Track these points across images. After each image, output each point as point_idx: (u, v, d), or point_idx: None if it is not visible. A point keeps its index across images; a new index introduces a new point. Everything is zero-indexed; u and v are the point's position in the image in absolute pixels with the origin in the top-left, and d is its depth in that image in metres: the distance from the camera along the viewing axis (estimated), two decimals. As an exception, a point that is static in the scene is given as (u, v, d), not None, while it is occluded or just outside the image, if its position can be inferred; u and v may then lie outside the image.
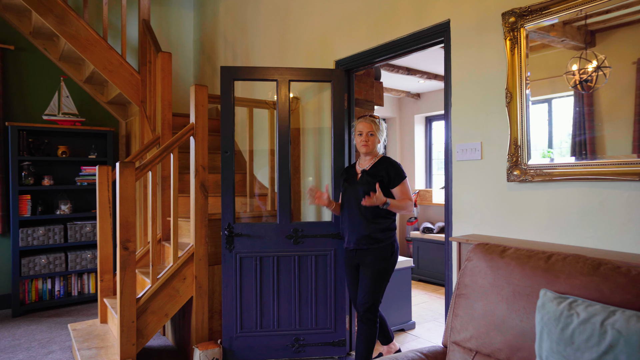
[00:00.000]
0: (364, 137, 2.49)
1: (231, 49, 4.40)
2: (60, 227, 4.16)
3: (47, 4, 3.59)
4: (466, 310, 1.61)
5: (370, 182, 2.42)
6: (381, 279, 2.44)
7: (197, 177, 2.88)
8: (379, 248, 2.42)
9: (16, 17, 4.03)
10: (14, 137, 3.91)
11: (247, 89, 4.06)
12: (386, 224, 2.44)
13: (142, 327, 2.68)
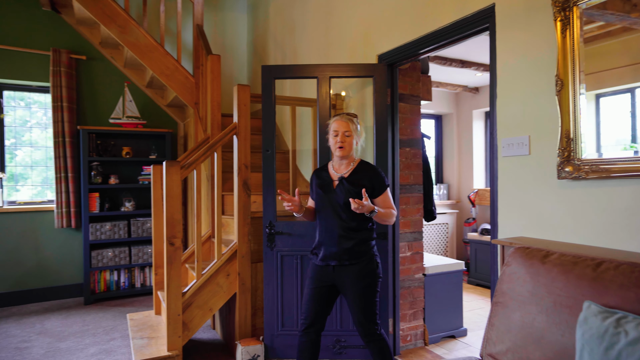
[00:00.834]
0: (340, 138, 2.19)
1: (280, 49, 4.44)
2: (125, 222, 4.46)
3: (111, 15, 3.85)
4: (503, 321, 1.46)
5: (351, 190, 2.16)
6: (372, 294, 2.17)
7: (239, 176, 2.93)
8: (363, 262, 2.16)
9: (88, 29, 4.37)
10: (84, 140, 4.24)
11: (295, 88, 4.08)
12: (367, 235, 2.20)
13: (187, 320, 2.78)
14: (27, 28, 4.32)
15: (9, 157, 4.45)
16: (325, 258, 2.20)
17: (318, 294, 2.23)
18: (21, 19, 4.29)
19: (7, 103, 4.43)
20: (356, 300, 2.15)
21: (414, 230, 3.06)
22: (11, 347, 3.31)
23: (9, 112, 4.42)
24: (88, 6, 3.75)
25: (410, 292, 3.09)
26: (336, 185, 2.22)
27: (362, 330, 2.17)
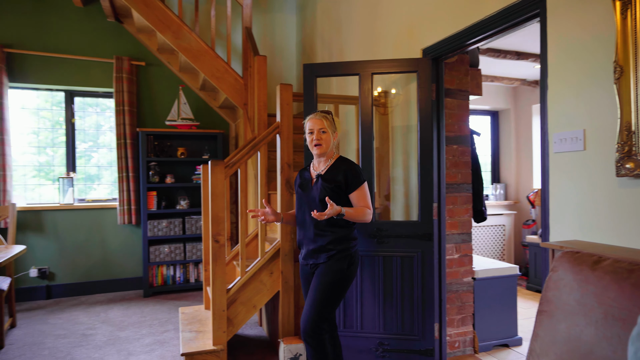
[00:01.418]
0: (316, 136, 2.18)
1: (327, 48, 4.43)
2: (180, 220, 4.67)
3: (166, 21, 4.05)
4: (548, 332, 1.34)
5: (326, 187, 2.14)
6: (331, 291, 2.10)
7: (282, 174, 2.96)
8: (335, 259, 2.13)
9: (146, 37, 4.62)
10: (143, 141, 4.50)
11: (342, 86, 4.05)
12: (343, 232, 2.16)
13: (232, 316, 2.85)
14: (93, 38, 4.65)
15: (85, 159, 4.82)
16: (306, 257, 2.23)
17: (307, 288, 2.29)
18: (88, 31, 4.63)
19: (84, 109, 4.81)
20: (311, 293, 2.13)
21: (462, 231, 2.92)
22: (78, 333, 3.57)
23: (84, 117, 4.78)
24: (145, 14, 3.97)
25: (458, 297, 2.95)
26: (314, 184, 2.23)
27: (304, 326, 2.11)
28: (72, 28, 4.58)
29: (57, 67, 4.54)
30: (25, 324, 3.79)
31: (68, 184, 4.59)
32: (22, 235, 4.42)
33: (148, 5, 3.98)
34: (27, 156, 4.64)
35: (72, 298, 4.55)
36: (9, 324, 3.64)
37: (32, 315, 4.02)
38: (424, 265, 2.71)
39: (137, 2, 3.95)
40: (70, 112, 4.73)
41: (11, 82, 4.41)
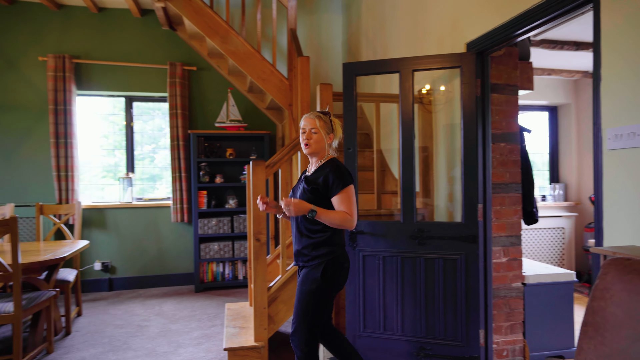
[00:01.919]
0: (307, 135, 2.11)
1: (372, 46, 4.38)
2: (228, 219, 4.82)
3: (214, 27, 4.19)
4: (592, 345, 1.23)
5: (306, 190, 2.06)
6: (308, 301, 2.03)
7: (322, 175, 2.96)
8: (311, 267, 2.06)
9: (198, 42, 4.82)
10: (194, 143, 4.69)
11: (386, 84, 3.99)
12: (320, 238, 2.05)
13: (273, 314, 2.89)
14: (149, 46, 4.92)
15: (149, 160, 5.13)
16: (294, 258, 2.21)
17: None
18: (145, 39, 4.91)
19: (148, 112, 5.11)
20: (295, 303, 2.09)
21: (510, 234, 2.77)
22: (135, 324, 3.79)
23: (147, 120, 5.09)
24: (194, 21, 4.13)
25: (507, 303, 2.79)
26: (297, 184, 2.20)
27: (291, 335, 2.10)
28: (131, 37, 4.88)
29: (117, 74, 4.85)
30: (89, 313, 4.09)
31: (127, 184, 4.89)
32: (88, 231, 4.77)
33: (197, 12, 4.15)
34: (98, 158, 5.01)
35: (131, 291, 4.84)
36: (75, 313, 3.95)
37: (96, 305, 4.33)
38: (468, 269, 2.60)
39: (187, 9, 4.12)
40: (129, 116, 5.03)
41: (78, 90, 4.78)
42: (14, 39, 4.61)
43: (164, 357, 3.07)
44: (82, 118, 4.90)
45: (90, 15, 4.78)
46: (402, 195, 2.72)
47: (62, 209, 4.11)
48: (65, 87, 4.58)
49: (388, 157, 4.02)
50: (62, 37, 4.72)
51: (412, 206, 2.69)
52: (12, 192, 4.59)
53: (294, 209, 1.94)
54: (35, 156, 4.65)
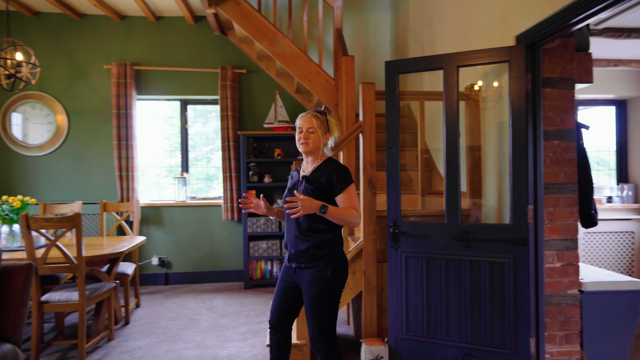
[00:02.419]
0: (304, 134, 2.09)
1: (419, 43, 4.28)
2: (276, 217, 4.91)
3: (262, 30, 4.29)
4: (644, 359, 1.13)
5: (308, 189, 2.04)
6: (324, 303, 2.04)
7: (365, 174, 2.94)
8: (317, 267, 2.04)
9: (247, 46, 4.96)
10: (243, 143, 4.84)
11: (433, 82, 3.88)
12: (325, 237, 2.05)
13: (315, 312, 2.91)
14: (202, 51, 5.13)
15: (206, 160, 5.37)
16: (289, 259, 2.15)
17: (283, 293, 2.19)
18: (198, 44, 5.13)
19: (204, 115, 5.35)
20: (308, 307, 2.06)
21: (565, 237, 2.59)
22: (187, 317, 3.98)
23: (205, 122, 5.33)
24: (243, 25, 4.26)
25: (561, 310, 2.62)
26: (298, 185, 2.15)
27: (311, 338, 2.08)
28: (185, 43, 5.12)
29: (173, 79, 5.11)
30: (147, 305, 4.34)
31: (182, 184, 5.13)
32: (146, 227, 5.06)
33: (246, 16, 4.27)
34: (159, 158, 5.32)
35: (184, 285, 5.08)
36: (134, 304, 4.21)
37: (153, 298, 4.59)
38: (517, 273, 2.47)
39: (236, 14, 4.26)
40: (184, 118, 5.29)
41: (138, 95, 5.09)
42: (83, 49, 4.99)
43: (212, 350, 3.19)
44: (144, 121, 5.22)
45: (149, 24, 5.08)
46: (447, 196, 2.64)
47: (123, 207, 4.39)
48: (127, 92, 4.89)
49: (436, 156, 3.91)
50: (124, 45, 5.05)
51: (457, 207, 2.60)
52: (80, 191, 4.98)
53: (306, 206, 1.92)
54: (101, 157, 5.01)
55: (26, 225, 2.89)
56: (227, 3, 4.25)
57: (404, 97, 4.25)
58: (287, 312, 2.21)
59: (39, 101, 4.94)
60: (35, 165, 4.96)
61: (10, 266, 2.08)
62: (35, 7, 4.83)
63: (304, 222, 2.09)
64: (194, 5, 4.77)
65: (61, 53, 4.97)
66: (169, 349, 3.23)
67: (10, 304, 2.01)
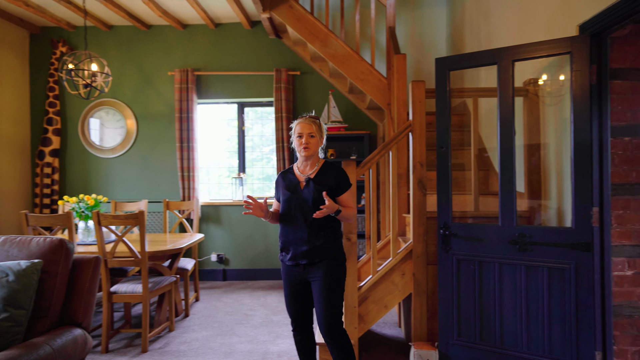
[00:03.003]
0: (305, 139, 2.25)
1: (475, 37, 4.11)
2: (329, 217, 4.94)
3: (314, 32, 4.35)
4: None
5: (319, 190, 2.22)
6: (340, 289, 2.25)
7: (414, 174, 2.88)
8: (331, 258, 2.23)
9: (301, 48, 5.04)
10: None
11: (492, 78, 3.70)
12: (334, 232, 2.28)
13: (363, 313, 2.90)
14: (257, 55, 5.29)
15: (266, 160, 5.55)
16: (295, 257, 2.25)
17: (294, 294, 2.31)
18: (254, 49, 5.30)
19: (264, 117, 5.52)
20: (325, 295, 2.19)
21: (637, 243, 2.36)
22: (241, 312, 4.12)
23: (264, 124, 5.52)
24: (296, 28, 4.34)
25: (634, 323, 2.39)
26: (303, 186, 2.28)
27: (328, 326, 2.20)
28: (242, 48, 5.31)
29: (230, 82, 5.32)
30: (205, 299, 4.55)
31: (239, 183, 5.33)
32: (206, 225, 5.31)
33: (299, 19, 4.34)
34: (221, 159, 5.57)
35: (241, 282, 5.27)
36: (194, 298, 4.43)
37: (211, 293, 4.80)
38: (579, 280, 2.29)
39: (290, 17, 4.34)
40: (240, 121, 5.48)
41: (198, 99, 5.35)
42: (150, 58, 5.35)
43: (263, 346, 3.28)
44: (205, 123, 5.48)
45: (209, 31, 5.32)
46: (501, 197, 2.52)
47: (184, 205, 4.64)
48: (188, 96, 5.16)
49: (493, 155, 3.73)
50: (186, 53, 5.33)
51: (512, 208, 2.47)
52: (146, 190, 5.33)
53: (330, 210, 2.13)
54: (165, 159, 5.34)
55: (97, 222, 3.15)
56: (280, 7, 4.35)
57: (457, 95, 4.10)
58: (306, 309, 2.35)
59: (112, 107, 5.36)
60: (109, 166, 5.38)
61: (80, 259, 2.28)
62: (109, 21, 5.24)
63: (319, 220, 2.23)
64: (249, 11, 4.93)
65: (131, 62, 5.36)
66: (223, 342, 3.37)
67: (80, 293, 2.21)
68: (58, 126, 5.27)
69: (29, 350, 1.85)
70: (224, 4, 4.72)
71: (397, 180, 3.60)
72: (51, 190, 5.25)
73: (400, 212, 3.62)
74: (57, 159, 5.29)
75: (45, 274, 2.10)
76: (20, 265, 2.03)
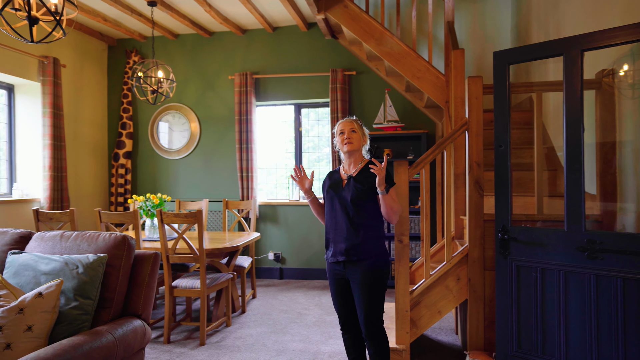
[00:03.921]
0: (347, 135, 2.28)
1: (543, 28, 3.83)
2: (385, 218, 4.86)
3: (369, 31, 4.29)
4: None
5: (359, 188, 2.22)
6: (379, 291, 2.23)
7: (470, 175, 2.74)
8: (370, 258, 2.21)
9: (357, 47, 5.01)
10: (352, 144, 4.88)
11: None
12: (375, 233, 2.24)
13: (415, 318, 2.81)
14: (314, 56, 5.34)
15: (326, 161, 5.61)
16: (335, 254, 2.28)
17: (337, 292, 2.33)
18: (310, 50, 5.35)
19: (325, 117, 5.57)
20: (363, 296, 2.20)
21: None
22: (296, 311, 4.17)
23: (326, 125, 5.58)
24: (351, 27, 4.31)
25: None
26: (345, 184, 2.29)
27: (368, 327, 2.21)
28: (299, 50, 5.38)
29: (287, 84, 5.41)
30: (262, 296, 4.67)
31: (295, 184, 5.39)
32: (263, 224, 5.45)
33: (354, 18, 4.31)
34: (282, 160, 5.70)
35: (296, 281, 5.33)
36: (250, 295, 4.56)
37: (268, 290, 4.91)
38: (660, 294, 2.04)
39: (344, 17, 4.33)
40: (297, 122, 5.56)
41: (257, 101, 5.50)
42: (212, 63, 5.59)
43: (315, 346, 3.29)
44: (264, 125, 5.63)
45: (267, 35, 5.46)
46: (567, 199, 2.31)
47: (242, 205, 4.79)
48: (247, 99, 5.32)
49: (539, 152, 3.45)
50: (245, 57, 5.51)
51: (580, 212, 2.26)
52: (208, 189, 5.58)
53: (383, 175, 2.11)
54: (225, 160, 5.55)
55: (160, 220, 3.34)
56: (335, 7, 4.34)
57: (522, 90, 3.85)
58: (350, 307, 2.34)
59: (177, 111, 5.67)
60: (174, 167, 5.70)
61: (141, 254, 2.43)
62: (176, 30, 5.55)
63: (359, 219, 2.23)
64: (305, 13, 4.99)
65: (195, 68, 5.63)
66: (276, 339, 3.43)
67: (140, 286, 2.35)
68: (131, 130, 5.68)
69: (93, 337, 2.00)
70: (281, 7, 4.80)
71: (455, 181, 3.45)
72: (124, 190, 5.67)
73: (458, 214, 3.46)
74: (130, 160, 5.70)
75: (109, 267, 2.26)
76: (88, 259, 2.20)
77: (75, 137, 5.27)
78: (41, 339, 1.93)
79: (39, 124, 4.76)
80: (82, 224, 5.33)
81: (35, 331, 1.92)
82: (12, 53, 4.44)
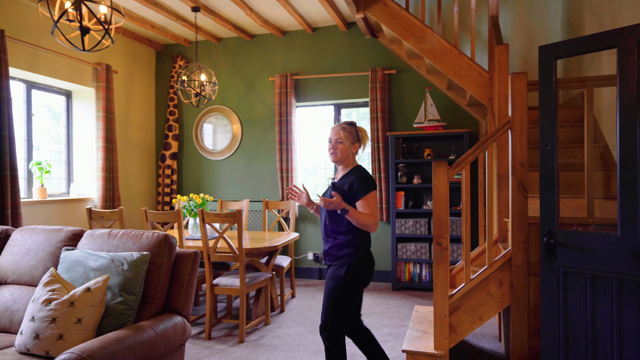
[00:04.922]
0: (332, 145, 2.34)
1: (597, 19, 3.60)
2: (425, 220, 4.75)
3: (409, 28, 4.21)
4: None
5: (333, 196, 2.20)
6: (334, 298, 2.23)
7: (514, 175, 2.62)
8: (336, 266, 2.26)
9: (397, 46, 4.93)
10: (392, 144, 4.82)
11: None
12: (344, 239, 2.25)
13: (455, 323, 2.73)
14: (353, 56, 5.31)
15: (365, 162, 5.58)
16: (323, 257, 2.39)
17: None
18: (350, 50, 5.33)
19: (365, 117, 5.59)
20: (324, 299, 2.28)
21: None
22: (334, 312, 4.16)
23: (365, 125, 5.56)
24: (390, 25, 4.25)
25: None
26: (327, 190, 2.38)
27: (321, 327, 2.27)
28: (338, 50, 5.37)
29: (327, 85, 5.42)
30: (301, 296, 4.70)
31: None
32: (303, 224, 5.48)
33: (393, 16, 4.25)
34: (323, 160, 5.74)
35: (336, 281, 5.32)
36: (290, 294, 4.61)
37: (307, 290, 4.94)
38: None
39: (384, 15, 4.28)
40: (338, 122, 5.54)
41: (297, 102, 5.55)
42: (253, 65, 5.70)
43: (353, 347, 3.26)
44: (305, 126, 5.68)
45: (307, 36, 5.49)
46: (621, 202, 2.16)
47: (282, 205, 4.85)
48: (287, 100, 5.38)
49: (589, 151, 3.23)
50: (285, 58, 5.57)
51: (635, 215, 2.10)
52: (249, 190, 5.69)
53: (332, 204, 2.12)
54: (266, 160, 5.64)
55: (202, 219, 3.45)
56: (374, 6, 4.30)
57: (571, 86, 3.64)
58: None
59: (220, 113, 5.83)
60: (217, 167, 5.86)
61: (182, 253, 2.51)
62: (218, 34, 5.71)
63: (328, 225, 2.31)
64: (344, 13, 4.97)
65: (237, 70, 5.77)
66: (313, 339, 3.44)
67: (180, 283, 2.43)
68: (176, 132, 5.90)
69: (136, 332, 2.09)
70: (320, 8, 4.82)
71: (498, 182, 3.33)
72: (170, 190, 5.90)
73: (502, 216, 3.33)
74: (175, 161, 5.92)
75: (152, 265, 2.35)
76: (132, 256, 2.31)
77: (125, 139, 5.55)
78: (89, 331, 2.04)
79: (93, 128, 5.04)
80: (130, 222, 5.60)
81: (85, 324, 2.03)
82: (70, 61, 4.73)
